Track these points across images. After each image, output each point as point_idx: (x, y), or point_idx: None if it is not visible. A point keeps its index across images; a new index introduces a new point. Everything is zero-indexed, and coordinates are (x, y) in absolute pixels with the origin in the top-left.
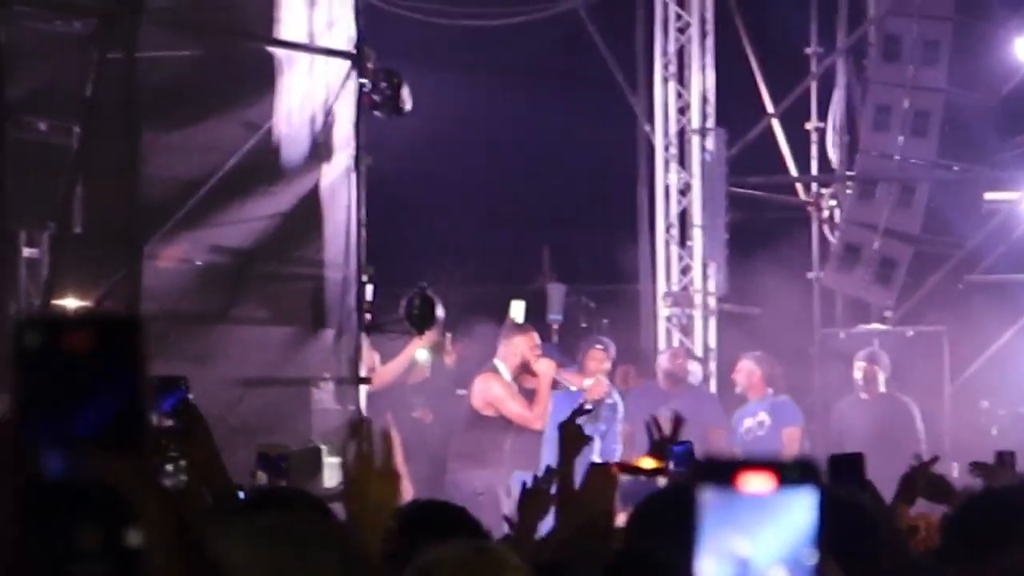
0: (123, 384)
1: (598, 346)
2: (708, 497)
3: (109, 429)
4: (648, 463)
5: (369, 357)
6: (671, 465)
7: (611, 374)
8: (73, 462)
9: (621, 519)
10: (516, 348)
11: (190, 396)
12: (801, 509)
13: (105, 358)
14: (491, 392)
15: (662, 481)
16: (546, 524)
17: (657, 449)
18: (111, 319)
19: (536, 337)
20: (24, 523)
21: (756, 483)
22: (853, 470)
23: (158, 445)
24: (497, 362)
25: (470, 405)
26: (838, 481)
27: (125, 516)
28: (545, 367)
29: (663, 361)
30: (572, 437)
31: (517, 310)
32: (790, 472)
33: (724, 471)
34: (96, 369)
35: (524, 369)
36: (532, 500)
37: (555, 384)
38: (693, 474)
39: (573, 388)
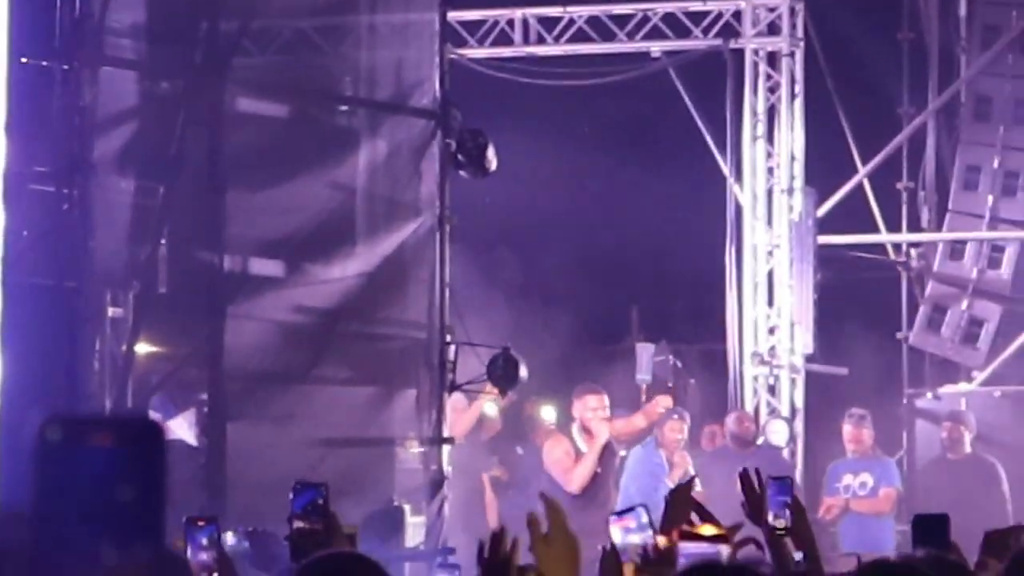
0: (140, 481)
1: (675, 416)
2: None
3: (125, 524)
4: (709, 530)
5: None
6: (772, 511)
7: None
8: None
9: None
10: (579, 408)
11: (323, 500)
12: None
13: (124, 456)
14: (549, 456)
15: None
16: None
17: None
18: (130, 420)
19: (600, 399)
20: None
21: None
22: (938, 531)
23: (295, 546)
24: (573, 425)
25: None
26: (923, 542)
27: None
28: (601, 431)
29: (729, 424)
30: (681, 503)
31: (548, 413)
32: None
33: None
34: (114, 466)
35: (584, 429)
36: (610, 563)
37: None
38: None
39: (623, 453)
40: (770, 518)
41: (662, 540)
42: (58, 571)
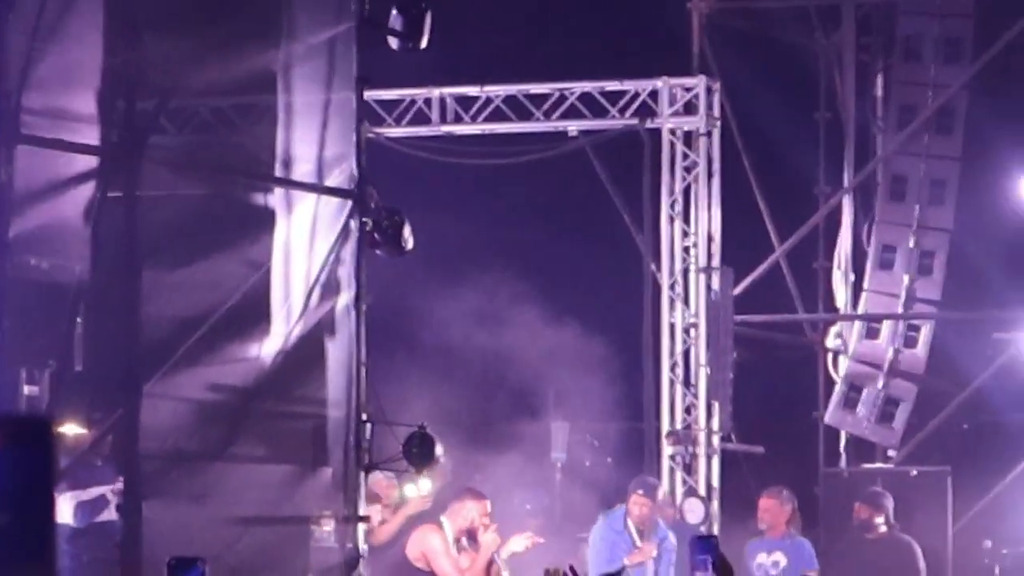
0: (32, 482)
1: (639, 491)
2: None
3: (14, 526)
4: None
5: (389, 492)
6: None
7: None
8: None
9: None
10: (467, 512)
11: None
12: None
13: (14, 458)
14: (428, 544)
15: None
16: None
17: None
18: (19, 420)
19: (485, 506)
20: None
21: None
22: None
23: None
24: (444, 519)
25: (402, 554)
26: None
27: None
28: (490, 540)
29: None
30: None
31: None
32: None
33: None
34: (5, 468)
35: (469, 534)
36: None
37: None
38: None
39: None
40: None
41: None
42: None
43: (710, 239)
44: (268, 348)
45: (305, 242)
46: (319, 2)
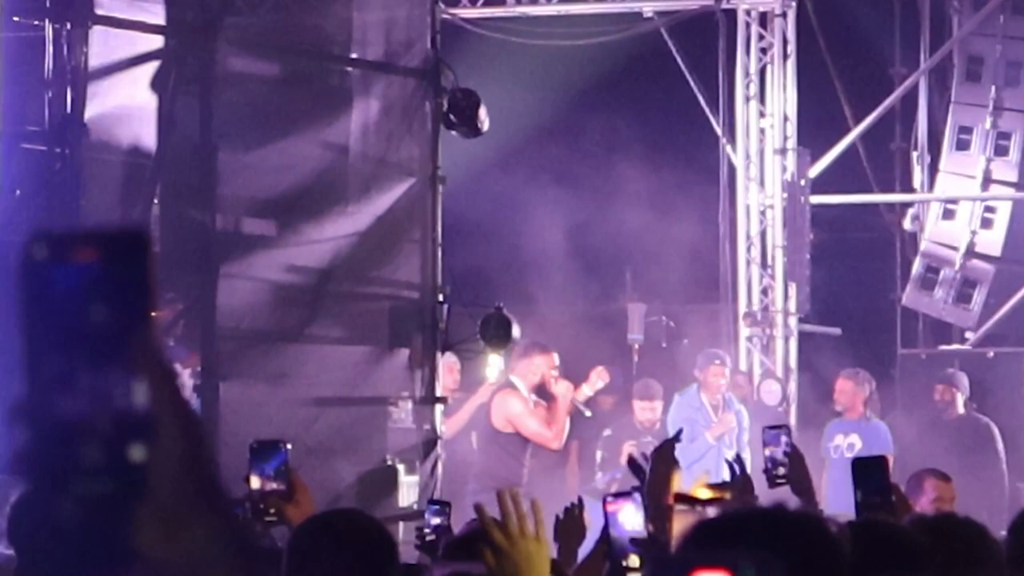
0: (128, 294)
1: (716, 362)
2: None
3: (113, 337)
4: (704, 492)
5: (453, 376)
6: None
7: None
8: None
9: None
10: (536, 367)
11: (288, 458)
12: None
13: (110, 270)
14: (510, 409)
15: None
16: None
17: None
18: (115, 232)
19: (552, 359)
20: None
21: None
22: (876, 473)
23: (257, 507)
24: (513, 378)
25: (489, 423)
26: (864, 485)
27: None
28: (564, 389)
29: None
30: (665, 459)
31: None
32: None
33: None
34: (101, 280)
35: (541, 389)
36: (570, 526)
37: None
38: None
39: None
40: (769, 466)
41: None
42: (49, 407)
43: (785, 120)
44: (344, 229)
45: (381, 123)
46: None
